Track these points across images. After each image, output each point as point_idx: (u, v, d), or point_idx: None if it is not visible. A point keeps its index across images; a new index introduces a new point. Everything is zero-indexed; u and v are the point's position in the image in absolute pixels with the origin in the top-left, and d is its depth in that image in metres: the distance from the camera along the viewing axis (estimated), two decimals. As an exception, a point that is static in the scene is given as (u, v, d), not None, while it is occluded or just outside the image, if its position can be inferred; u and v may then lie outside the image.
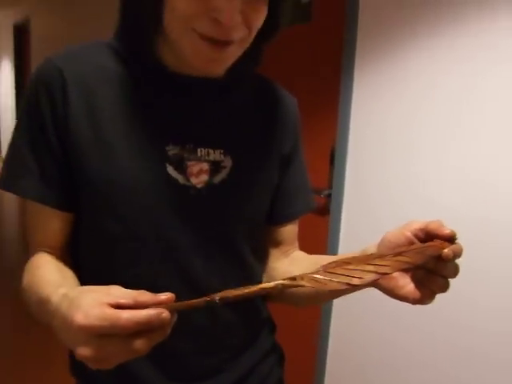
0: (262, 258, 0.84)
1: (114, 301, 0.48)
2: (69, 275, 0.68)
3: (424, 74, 1.46)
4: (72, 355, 0.78)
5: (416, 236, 0.59)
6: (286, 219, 0.84)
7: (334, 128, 1.78)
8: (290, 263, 0.82)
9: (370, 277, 0.49)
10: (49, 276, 0.65)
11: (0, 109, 8.62)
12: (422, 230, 0.59)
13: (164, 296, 0.49)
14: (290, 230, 0.85)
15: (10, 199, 5.98)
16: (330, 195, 1.84)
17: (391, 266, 0.51)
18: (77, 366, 0.78)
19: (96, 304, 0.47)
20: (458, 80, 1.38)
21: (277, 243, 0.84)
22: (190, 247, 0.70)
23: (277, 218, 0.83)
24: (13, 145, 0.70)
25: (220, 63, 0.67)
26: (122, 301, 0.48)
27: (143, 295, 0.49)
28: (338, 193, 1.77)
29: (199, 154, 0.71)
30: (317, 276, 0.52)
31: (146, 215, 0.68)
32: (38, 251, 0.72)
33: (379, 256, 0.55)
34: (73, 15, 4.79)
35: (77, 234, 0.73)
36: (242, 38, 0.64)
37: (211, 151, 0.71)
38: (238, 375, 0.79)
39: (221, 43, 0.62)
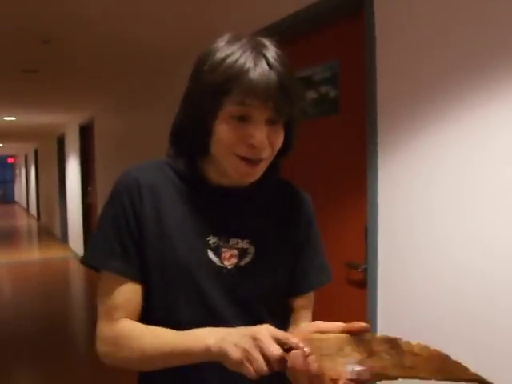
0: (285, 322, 1.01)
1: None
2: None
3: (437, 154, 1.64)
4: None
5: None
6: (300, 292, 1.02)
7: (365, 209, 1.96)
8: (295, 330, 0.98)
9: None
10: (159, 332, 0.86)
11: (68, 200, 9.33)
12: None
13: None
14: (303, 301, 1.03)
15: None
16: (366, 269, 1.98)
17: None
18: None
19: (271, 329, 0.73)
20: (473, 166, 1.54)
21: (293, 310, 1.03)
22: (224, 310, 0.91)
23: (292, 290, 1.02)
24: (99, 234, 0.92)
25: (253, 176, 0.91)
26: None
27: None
28: (372, 267, 1.91)
29: (231, 243, 0.93)
30: None
31: (193, 287, 0.90)
32: (118, 317, 0.89)
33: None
34: (130, 117, 5.38)
35: (145, 301, 0.93)
36: (267, 156, 0.89)
37: (240, 241, 0.94)
38: None
39: (254, 161, 0.87)
